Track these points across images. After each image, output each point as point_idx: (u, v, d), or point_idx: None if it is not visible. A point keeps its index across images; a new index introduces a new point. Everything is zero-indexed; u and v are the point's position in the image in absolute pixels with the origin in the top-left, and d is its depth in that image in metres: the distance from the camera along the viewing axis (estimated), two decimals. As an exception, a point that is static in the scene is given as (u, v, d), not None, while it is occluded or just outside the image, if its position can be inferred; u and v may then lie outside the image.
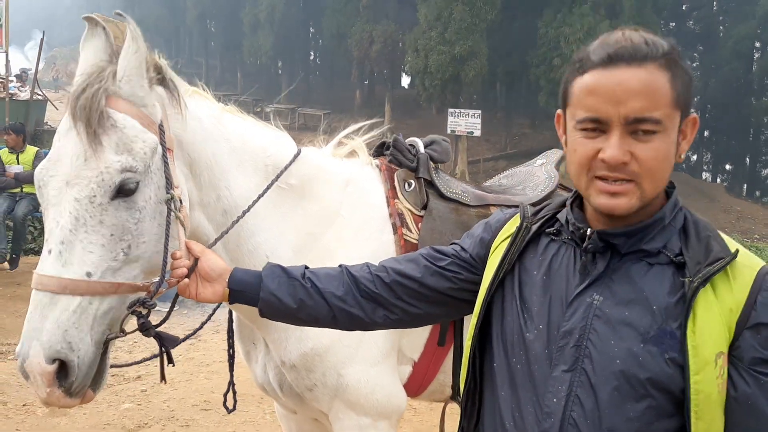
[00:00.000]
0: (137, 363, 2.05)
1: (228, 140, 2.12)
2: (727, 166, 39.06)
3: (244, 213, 2.11)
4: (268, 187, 2.17)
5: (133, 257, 1.71)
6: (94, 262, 1.63)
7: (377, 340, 2.26)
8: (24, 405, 5.11)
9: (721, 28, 34.26)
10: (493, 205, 2.53)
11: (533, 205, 1.62)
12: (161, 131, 1.80)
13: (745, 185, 35.54)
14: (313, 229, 2.30)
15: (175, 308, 1.86)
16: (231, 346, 2.41)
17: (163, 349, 1.77)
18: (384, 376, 2.31)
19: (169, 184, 1.78)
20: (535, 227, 1.50)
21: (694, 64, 37.10)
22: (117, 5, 50.38)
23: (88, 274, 1.62)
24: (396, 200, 2.41)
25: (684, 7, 35.42)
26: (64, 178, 1.66)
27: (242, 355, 2.53)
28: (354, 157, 2.53)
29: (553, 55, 24.35)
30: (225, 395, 2.41)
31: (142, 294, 1.72)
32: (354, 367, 2.25)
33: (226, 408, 2.40)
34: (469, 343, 1.51)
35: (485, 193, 2.60)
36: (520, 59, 27.71)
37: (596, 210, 1.35)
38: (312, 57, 44.86)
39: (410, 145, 2.55)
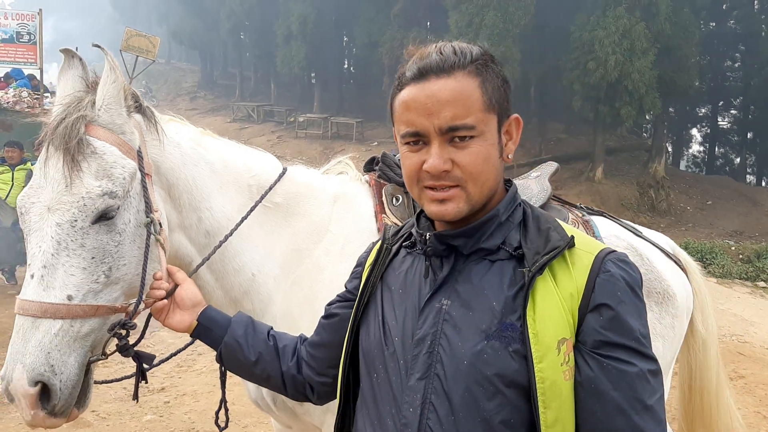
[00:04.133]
0: (117, 380, 2.08)
1: (209, 163, 2.17)
2: (772, 169, 37.88)
3: (226, 237, 2.15)
4: (252, 209, 2.21)
5: (114, 279, 1.76)
6: (76, 285, 1.68)
7: None
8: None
9: (762, 27, 33.31)
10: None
11: None
12: (140, 157, 1.86)
13: (792, 188, 34.36)
14: (301, 246, 2.31)
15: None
16: (222, 362, 2.42)
17: (141, 368, 1.82)
18: None
19: (148, 208, 1.84)
20: (395, 247, 1.53)
21: (736, 65, 36.21)
22: (152, 19, 51.51)
23: (69, 297, 1.67)
24: (383, 215, 2.41)
25: (724, 7, 34.52)
26: (46, 204, 1.71)
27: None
28: (344, 174, 2.54)
29: (588, 59, 23.88)
30: (216, 413, 2.42)
31: (122, 315, 1.77)
32: None
33: (218, 426, 2.41)
34: (341, 366, 1.54)
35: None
36: (554, 64, 27.39)
37: (431, 217, 1.39)
38: (346, 66, 45.08)
39: (399, 159, 2.54)
